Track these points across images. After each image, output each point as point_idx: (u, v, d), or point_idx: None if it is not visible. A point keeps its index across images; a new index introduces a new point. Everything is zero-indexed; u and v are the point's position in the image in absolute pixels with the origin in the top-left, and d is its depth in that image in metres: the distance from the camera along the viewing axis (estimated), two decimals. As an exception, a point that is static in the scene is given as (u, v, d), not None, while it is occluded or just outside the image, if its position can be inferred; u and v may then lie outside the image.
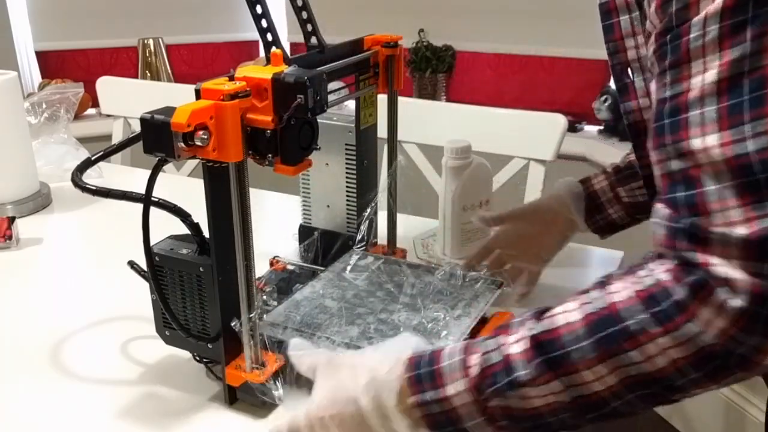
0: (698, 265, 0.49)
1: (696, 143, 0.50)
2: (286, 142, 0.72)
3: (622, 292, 0.53)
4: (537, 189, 1.41)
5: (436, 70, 2.65)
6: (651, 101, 0.57)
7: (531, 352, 0.55)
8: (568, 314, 0.55)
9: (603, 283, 0.56)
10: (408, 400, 0.58)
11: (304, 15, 0.84)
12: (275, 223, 1.25)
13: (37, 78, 2.79)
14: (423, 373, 0.59)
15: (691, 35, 0.50)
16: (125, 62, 2.90)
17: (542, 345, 0.55)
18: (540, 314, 0.58)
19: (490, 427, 0.57)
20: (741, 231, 0.48)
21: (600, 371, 0.53)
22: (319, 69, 0.75)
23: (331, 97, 0.79)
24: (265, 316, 0.85)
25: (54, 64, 2.84)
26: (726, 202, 0.49)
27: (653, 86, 0.55)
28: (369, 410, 0.60)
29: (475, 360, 0.57)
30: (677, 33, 0.51)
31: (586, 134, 2.39)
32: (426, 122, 1.50)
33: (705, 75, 0.49)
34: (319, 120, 0.76)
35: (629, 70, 0.71)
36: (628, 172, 0.97)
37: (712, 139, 0.49)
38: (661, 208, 0.53)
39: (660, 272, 0.52)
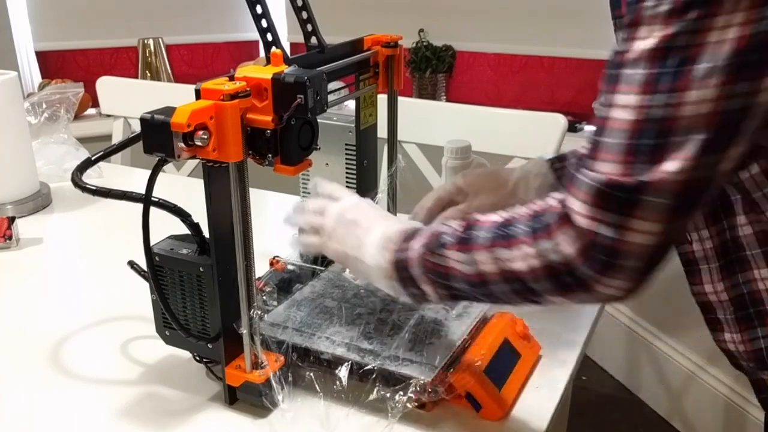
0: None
1: (620, 99, 0.55)
2: (286, 142, 0.72)
3: (527, 207, 0.64)
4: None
5: (436, 70, 2.65)
6: None
7: (461, 228, 0.68)
8: (499, 214, 0.67)
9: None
10: (392, 246, 0.73)
11: (304, 15, 0.84)
12: (275, 223, 1.25)
13: (37, 78, 2.79)
14: (408, 232, 0.73)
15: (647, 3, 0.53)
16: (125, 62, 2.90)
17: (469, 227, 0.67)
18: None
19: (424, 277, 0.70)
20: (604, 176, 0.55)
21: (485, 257, 0.64)
22: (319, 69, 0.75)
23: (331, 97, 0.79)
24: (265, 316, 0.85)
25: (54, 64, 2.84)
26: (610, 155, 0.55)
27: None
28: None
29: (434, 227, 0.71)
30: None
31: (586, 134, 2.40)
32: (426, 122, 1.50)
33: (646, 41, 0.53)
34: (319, 120, 0.76)
35: None
36: None
37: (631, 99, 0.54)
38: (581, 150, 0.60)
39: (554, 199, 0.61)
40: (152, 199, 0.71)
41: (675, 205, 0.54)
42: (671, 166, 0.53)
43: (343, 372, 0.78)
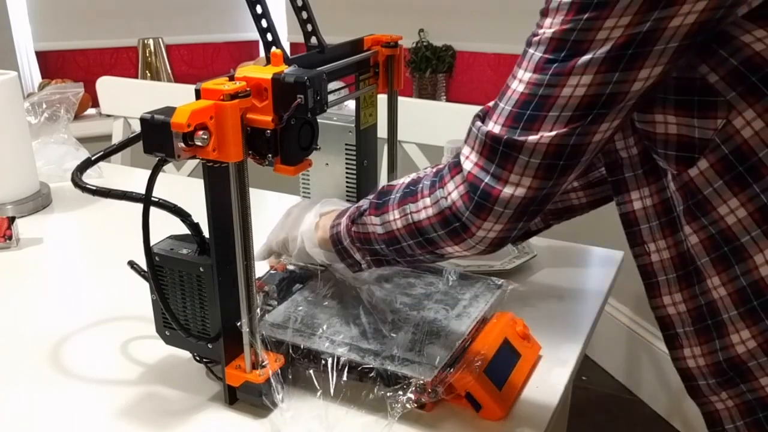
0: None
1: (519, 73, 0.63)
2: (286, 142, 0.72)
3: (439, 165, 0.72)
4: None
5: (436, 70, 2.65)
6: None
7: (375, 195, 0.77)
8: (408, 177, 0.76)
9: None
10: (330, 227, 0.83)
11: (304, 15, 0.84)
12: (275, 223, 1.25)
13: (37, 78, 2.79)
14: (343, 210, 0.82)
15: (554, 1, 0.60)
16: (125, 62, 2.90)
17: (381, 193, 0.76)
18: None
19: (353, 247, 0.79)
20: (487, 130, 0.63)
21: (396, 214, 0.73)
22: (319, 69, 0.75)
23: (331, 97, 0.79)
24: (265, 316, 0.85)
25: (54, 64, 2.84)
26: (501, 118, 0.63)
27: None
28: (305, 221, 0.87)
29: (356, 204, 0.81)
30: None
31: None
32: (426, 122, 1.50)
33: (547, 29, 0.60)
34: (319, 120, 0.76)
35: None
36: None
37: (525, 75, 0.62)
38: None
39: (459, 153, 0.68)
40: (152, 199, 0.71)
41: (546, 165, 0.62)
42: (544, 133, 0.61)
43: (343, 372, 0.78)
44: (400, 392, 0.75)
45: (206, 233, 0.75)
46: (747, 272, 0.65)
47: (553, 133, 0.60)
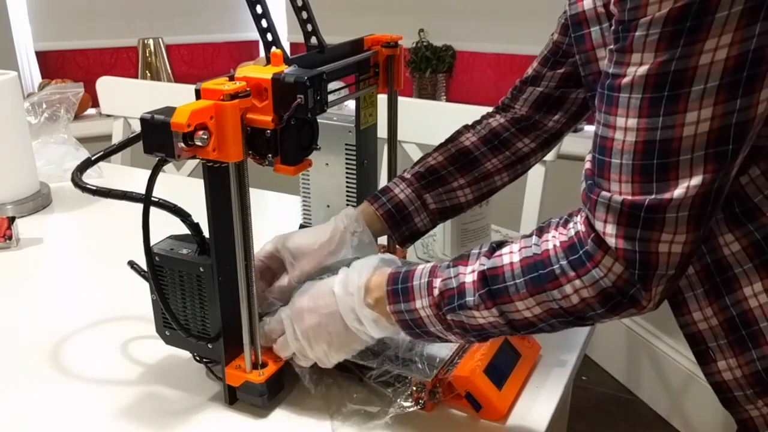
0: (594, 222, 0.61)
1: (620, 121, 0.58)
2: (286, 142, 0.72)
3: (552, 240, 0.64)
4: (537, 189, 1.41)
5: (436, 70, 2.65)
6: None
7: (479, 283, 0.67)
8: (511, 255, 0.67)
9: (542, 230, 0.67)
10: (386, 307, 0.72)
11: (304, 15, 0.84)
12: (275, 223, 1.25)
13: (37, 78, 2.78)
14: (400, 288, 0.72)
15: (637, 33, 0.56)
16: (125, 62, 2.90)
17: (487, 279, 0.67)
18: (492, 251, 0.69)
19: (449, 332, 0.71)
20: (622, 198, 0.58)
21: (529, 303, 0.65)
22: (319, 69, 0.75)
23: (331, 97, 0.79)
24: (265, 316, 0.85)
25: (54, 64, 2.84)
26: (622, 175, 0.58)
27: (606, 58, 0.62)
28: (341, 298, 0.74)
29: (437, 283, 0.70)
30: (627, 27, 0.57)
31: (586, 134, 2.39)
32: (426, 122, 1.49)
33: (639, 67, 0.56)
34: (319, 120, 0.76)
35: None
36: (433, 177, 0.93)
37: (632, 122, 0.57)
38: (586, 163, 0.63)
39: (579, 224, 0.63)
40: (152, 199, 0.71)
41: (696, 215, 0.58)
42: (684, 183, 0.56)
43: (343, 372, 0.78)
44: (401, 392, 0.75)
45: (206, 233, 0.75)
46: None
47: (693, 181, 0.56)
